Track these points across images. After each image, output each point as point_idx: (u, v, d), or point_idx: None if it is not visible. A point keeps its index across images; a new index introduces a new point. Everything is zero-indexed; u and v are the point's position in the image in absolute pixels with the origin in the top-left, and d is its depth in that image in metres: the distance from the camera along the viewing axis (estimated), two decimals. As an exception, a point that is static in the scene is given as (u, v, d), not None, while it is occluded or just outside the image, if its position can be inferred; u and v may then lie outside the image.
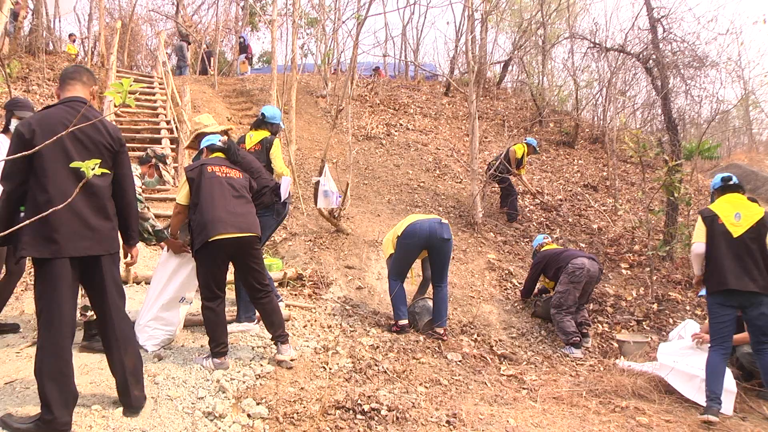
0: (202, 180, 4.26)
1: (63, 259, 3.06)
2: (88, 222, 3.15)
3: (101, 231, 3.21)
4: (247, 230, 4.20)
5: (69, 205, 2.84)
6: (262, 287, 4.32)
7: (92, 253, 3.17)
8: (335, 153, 10.77)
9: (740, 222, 4.49)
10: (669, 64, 9.58)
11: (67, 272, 3.09)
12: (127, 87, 2.05)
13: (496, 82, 18.33)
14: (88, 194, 3.15)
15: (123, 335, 3.37)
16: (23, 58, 11.91)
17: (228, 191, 4.27)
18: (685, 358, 4.85)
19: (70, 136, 3.08)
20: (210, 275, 4.19)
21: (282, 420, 3.59)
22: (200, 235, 4.11)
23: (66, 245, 3.06)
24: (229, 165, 4.45)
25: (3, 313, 5.10)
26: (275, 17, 9.44)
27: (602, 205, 10.84)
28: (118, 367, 3.34)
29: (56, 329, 3.07)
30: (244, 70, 18.42)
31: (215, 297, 4.19)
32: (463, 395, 4.31)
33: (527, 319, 6.76)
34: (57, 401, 3.03)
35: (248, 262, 4.28)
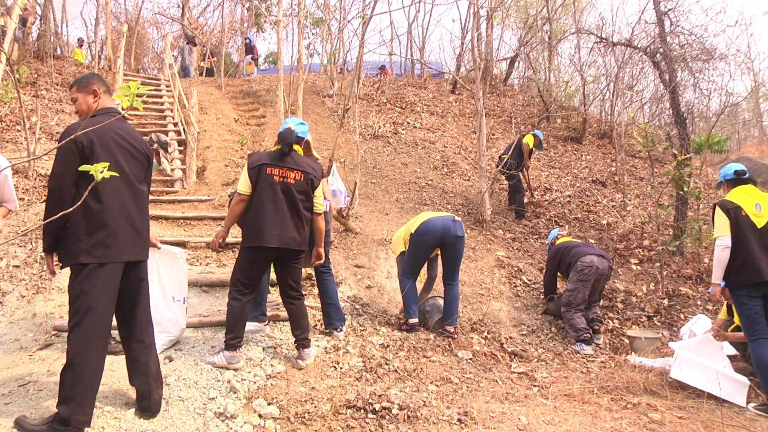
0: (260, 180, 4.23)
1: (117, 264, 3.19)
2: (137, 228, 3.31)
3: (145, 236, 3.40)
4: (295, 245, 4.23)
5: (124, 212, 3.15)
6: (297, 288, 4.39)
7: (141, 258, 3.34)
8: (343, 152, 10.78)
9: (761, 212, 4.47)
10: (677, 57, 9.52)
11: (116, 277, 3.22)
12: (134, 90, 2.08)
13: (502, 78, 18.29)
14: (137, 202, 3.32)
15: (149, 340, 3.47)
16: (32, 63, 11.99)
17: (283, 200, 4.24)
18: (698, 349, 4.83)
19: (118, 146, 3.25)
20: (248, 272, 4.24)
21: (293, 420, 3.61)
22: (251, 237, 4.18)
23: (121, 250, 3.20)
24: (289, 166, 4.31)
25: (15, 317, 5.16)
26: (281, 18, 9.45)
27: (611, 200, 10.80)
28: (143, 371, 3.41)
29: (93, 329, 3.14)
30: (251, 71, 18.46)
31: (246, 293, 4.23)
32: (474, 393, 4.31)
33: (537, 316, 6.75)
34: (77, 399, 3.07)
35: (289, 267, 4.35)
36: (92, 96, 3.38)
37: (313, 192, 4.42)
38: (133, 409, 3.46)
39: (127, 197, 3.27)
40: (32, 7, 13.14)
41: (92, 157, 3.08)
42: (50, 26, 13.60)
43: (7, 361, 4.33)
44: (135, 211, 3.30)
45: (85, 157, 3.09)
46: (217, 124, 12.21)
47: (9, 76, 8.47)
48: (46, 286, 5.69)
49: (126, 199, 3.26)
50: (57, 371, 3.99)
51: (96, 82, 3.42)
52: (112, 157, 3.18)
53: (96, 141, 3.15)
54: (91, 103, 3.39)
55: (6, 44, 8.86)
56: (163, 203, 8.60)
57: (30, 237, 6.26)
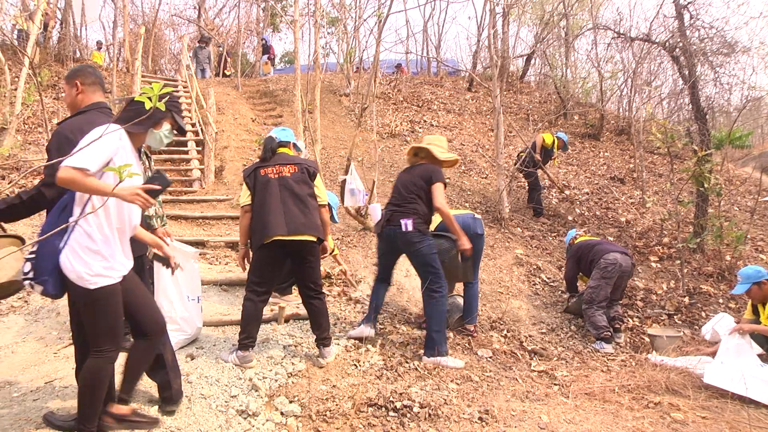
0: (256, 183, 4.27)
1: None
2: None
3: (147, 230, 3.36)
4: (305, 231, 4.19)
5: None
6: (315, 286, 4.37)
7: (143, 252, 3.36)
8: (360, 151, 10.80)
9: None
10: (696, 51, 9.41)
11: None
12: (157, 91, 2.10)
13: (519, 75, 18.21)
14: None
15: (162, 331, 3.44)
16: (52, 67, 12.14)
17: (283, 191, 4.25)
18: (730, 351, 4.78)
19: None
20: (261, 271, 4.28)
21: (315, 418, 3.63)
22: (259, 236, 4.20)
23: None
24: (281, 162, 4.35)
25: (40, 315, 5.24)
26: (297, 17, 9.48)
27: (630, 197, 10.72)
28: (159, 364, 3.42)
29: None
30: (267, 71, 18.54)
31: (260, 292, 4.26)
32: (494, 391, 4.30)
33: (557, 314, 6.73)
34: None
35: (304, 263, 4.33)
36: (75, 89, 3.30)
37: (312, 181, 4.41)
38: (157, 407, 3.51)
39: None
40: (53, 11, 13.31)
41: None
42: (70, 30, 13.75)
43: (34, 359, 4.41)
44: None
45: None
46: (235, 124, 12.28)
47: (31, 80, 8.58)
48: (69, 285, 5.76)
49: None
50: (82, 369, 4.06)
51: (80, 75, 3.32)
52: None
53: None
54: (75, 96, 3.32)
55: (29, 48, 8.99)
56: (182, 203, 8.68)
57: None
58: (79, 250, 2.72)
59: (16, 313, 5.27)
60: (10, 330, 4.99)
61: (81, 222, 2.73)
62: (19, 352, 4.60)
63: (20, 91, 8.39)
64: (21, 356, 4.50)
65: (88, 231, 2.75)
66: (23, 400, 3.55)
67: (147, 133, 3.04)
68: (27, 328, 5.05)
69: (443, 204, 4.78)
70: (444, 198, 4.79)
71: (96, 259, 2.75)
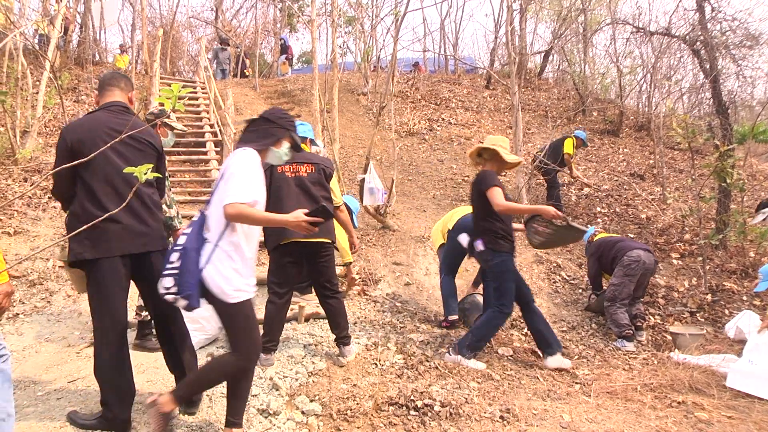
0: (273, 180, 4.23)
1: (112, 258, 3.12)
2: (142, 219, 3.22)
3: (154, 229, 3.30)
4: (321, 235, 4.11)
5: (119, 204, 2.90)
6: (331, 286, 4.38)
7: (148, 248, 3.25)
8: (379, 150, 10.81)
9: None
10: (718, 44, 9.26)
11: (118, 271, 3.15)
12: (176, 92, 2.11)
13: (537, 72, 18.09)
14: (137, 195, 3.21)
15: (179, 332, 3.48)
16: (72, 70, 12.28)
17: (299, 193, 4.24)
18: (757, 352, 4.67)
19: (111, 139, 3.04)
20: (280, 273, 4.29)
21: (336, 417, 3.63)
22: (274, 237, 4.21)
23: (119, 244, 3.12)
24: (298, 161, 4.30)
25: (62, 315, 5.31)
26: (314, 17, 9.50)
27: (650, 194, 10.60)
28: (178, 365, 3.45)
29: (109, 328, 3.16)
30: (285, 70, 18.61)
31: (281, 293, 4.28)
32: (515, 390, 4.28)
33: (577, 312, 6.68)
34: (114, 399, 3.16)
35: (319, 264, 4.34)
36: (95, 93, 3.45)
37: (328, 182, 4.40)
38: (179, 406, 3.53)
39: (122, 189, 3.15)
40: (72, 15, 13.46)
41: (80, 153, 2.99)
42: (89, 33, 13.91)
43: (57, 359, 4.47)
44: (135, 203, 3.19)
45: (73, 151, 3.04)
46: (253, 125, 12.32)
47: (52, 83, 8.69)
48: (91, 286, 5.83)
49: (120, 191, 3.14)
50: (104, 369, 4.11)
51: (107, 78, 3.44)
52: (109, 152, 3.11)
53: (83, 137, 3.11)
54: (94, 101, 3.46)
55: (50, 52, 9.10)
56: (202, 204, 8.73)
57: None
58: (222, 268, 2.91)
59: (40, 314, 5.35)
60: (33, 330, 5.06)
61: (223, 243, 2.92)
62: (42, 351, 4.67)
63: (41, 95, 8.50)
64: (44, 356, 4.56)
65: (230, 251, 2.93)
66: (47, 399, 3.60)
67: (267, 152, 3.18)
68: (50, 328, 5.12)
69: (501, 204, 4.59)
70: (501, 199, 4.61)
71: (236, 276, 2.94)
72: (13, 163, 7.49)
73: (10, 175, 7.22)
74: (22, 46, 9.09)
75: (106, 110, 3.28)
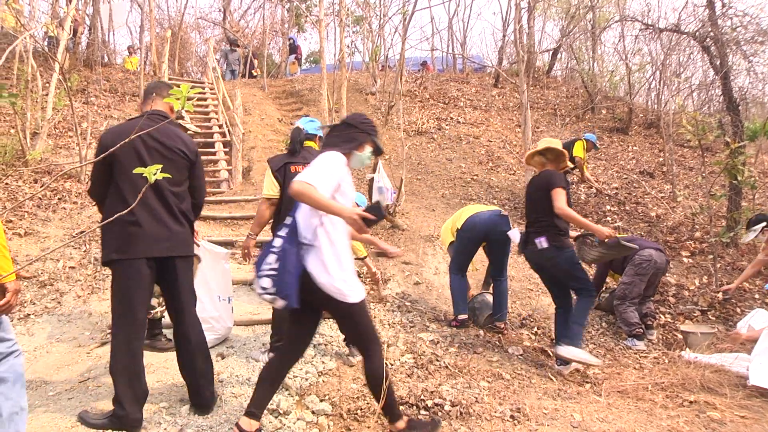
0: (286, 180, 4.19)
1: (140, 260, 3.22)
2: (167, 225, 3.32)
3: (177, 234, 3.38)
4: None
5: (148, 209, 3.19)
6: None
7: (172, 253, 3.34)
8: (387, 149, 10.80)
9: None
10: (728, 41, 9.18)
11: (143, 273, 3.24)
12: (185, 92, 2.11)
13: (545, 70, 18.03)
14: (163, 201, 3.33)
15: (196, 338, 3.51)
16: (81, 72, 12.34)
17: None
18: None
19: (146, 145, 3.29)
20: None
21: (346, 416, 3.63)
22: None
23: (145, 247, 3.22)
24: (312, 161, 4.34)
25: (72, 316, 5.33)
26: (322, 17, 9.51)
27: (660, 191, 10.55)
28: (190, 370, 3.47)
29: (129, 329, 3.22)
30: (294, 70, 18.64)
31: None
32: (525, 390, 4.26)
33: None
34: (129, 398, 3.18)
35: None
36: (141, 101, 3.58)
37: None
38: (188, 405, 3.54)
39: (152, 195, 3.28)
40: (81, 18, 13.53)
41: (115, 157, 3.15)
42: (98, 35, 13.97)
43: (67, 359, 4.49)
44: (161, 209, 3.31)
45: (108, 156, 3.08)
46: (262, 125, 12.37)
47: (62, 85, 8.73)
48: (100, 286, 5.87)
49: (151, 197, 3.27)
50: (115, 369, 4.12)
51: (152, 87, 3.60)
52: (134, 157, 3.24)
53: (109, 141, 3.22)
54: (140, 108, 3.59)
55: (59, 54, 9.14)
56: (211, 204, 8.75)
57: (84, 239, 6.45)
58: (333, 269, 3.00)
59: (50, 314, 5.38)
60: (44, 330, 5.09)
61: (325, 243, 3.02)
62: (53, 352, 4.69)
63: (51, 96, 8.54)
64: (55, 356, 4.59)
65: (336, 251, 3.04)
66: (58, 399, 3.62)
67: (351, 155, 3.25)
68: (60, 328, 5.14)
69: (563, 207, 4.67)
70: (563, 202, 4.67)
71: (349, 275, 3.05)
72: (24, 164, 7.54)
73: (21, 177, 7.26)
74: (32, 48, 9.14)
75: (145, 117, 3.40)
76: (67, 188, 7.29)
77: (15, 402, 2.64)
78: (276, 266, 2.95)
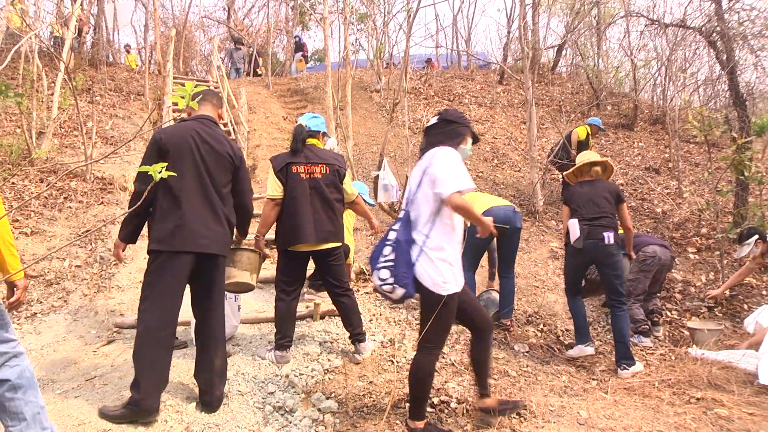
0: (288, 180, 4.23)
1: (180, 253, 3.32)
2: (207, 224, 3.42)
3: (218, 234, 3.48)
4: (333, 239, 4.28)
5: (193, 206, 3.33)
6: (341, 284, 4.40)
7: (211, 251, 3.43)
8: (392, 147, 10.78)
9: None
10: (735, 35, 9.11)
11: (183, 267, 3.34)
12: (190, 90, 2.12)
13: (550, 67, 17.96)
14: (210, 199, 3.46)
15: (220, 336, 3.60)
16: (86, 71, 12.36)
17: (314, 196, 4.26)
18: None
19: (200, 146, 3.43)
20: (289, 273, 4.33)
21: (352, 414, 3.63)
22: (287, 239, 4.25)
23: (188, 241, 3.32)
24: (313, 161, 4.31)
25: (78, 315, 5.34)
26: (326, 15, 9.50)
27: (665, 188, 10.51)
28: (207, 367, 3.52)
29: (159, 317, 3.30)
30: (302, 68, 18.64)
31: (290, 291, 4.30)
32: (532, 387, 4.26)
33: (593, 308, 6.63)
34: (148, 383, 3.24)
35: (328, 264, 4.37)
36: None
37: (342, 182, 4.44)
38: (195, 403, 3.55)
39: (197, 195, 3.41)
40: (86, 17, 13.55)
41: (168, 154, 3.30)
42: (103, 35, 13.99)
43: (74, 357, 4.51)
44: (205, 208, 3.43)
45: (163, 154, 3.30)
46: (266, 123, 12.37)
47: (67, 84, 8.75)
48: (106, 285, 5.89)
49: (196, 196, 3.40)
50: (120, 366, 4.14)
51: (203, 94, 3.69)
52: (187, 157, 3.38)
53: (172, 140, 3.36)
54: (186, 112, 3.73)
55: (64, 54, 9.16)
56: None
57: (90, 238, 6.47)
58: (436, 260, 3.16)
59: (57, 313, 5.40)
60: (51, 329, 5.11)
61: (435, 236, 3.19)
62: (60, 350, 4.71)
63: (56, 96, 8.56)
64: (62, 354, 4.61)
65: (442, 244, 3.19)
66: (66, 397, 3.63)
67: (457, 150, 3.37)
68: (67, 327, 5.16)
69: (631, 226, 5.39)
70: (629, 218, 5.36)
71: (448, 268, 3.18)
72: (30, 163, 7.56)
73: (27, 176, 7.28)
74: (38, 48, 9.16)
75: (197, 120, 3.56)
76: (72, 187, 7.31)
77: (35, 403, 2.72)
78: (392, 257, 3.15)
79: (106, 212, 7.04)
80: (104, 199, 7.32)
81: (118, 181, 7.80)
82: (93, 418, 3.28)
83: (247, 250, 4.12)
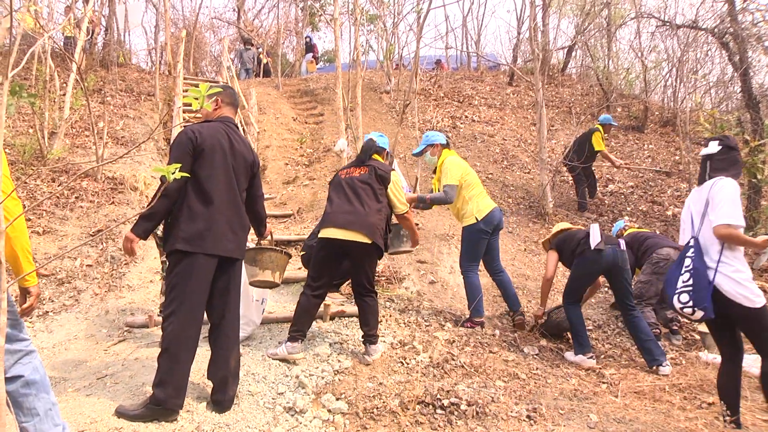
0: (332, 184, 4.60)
1: (210, 256, 3.36)
2: (233, 227, 3.48)
3: (240, 238, 3.55)
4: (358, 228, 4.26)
5: (221, 209, 3.37)
6: (369, 287, 4.43)
7: (234, 255, 3.49)
8: (402, 148, 10.77)
9: None
10: (749, 36, 9.03)
11: (209, 269, 3.38)
12: (204, 92, 2.12)
13: (560, 68, 17.90)
14: (235, 203, 3.51)
15: (235, 337, 3.62)
16: (98, 72, 12.42)
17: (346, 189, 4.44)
18: None
19: (225, 150, 3.47)
20: (318, 266, 4.41)
21: (362, 415, 3.63)
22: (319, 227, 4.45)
23: (215, 244, 3.36)
24: (356, 165, 4.60)
25: (90, 314, 5.37)
26: (337, 16, 9.50)
27: (676, 190, 10.45)
28: (222, 366, 3.53)
29: (184, 318, 3.32)
30: (312, 69, 18.66)
31: (315, 287, 4.36)
32: (542, 389, 4.24)
33: (603, 310, 6.60)
34: (175, 385, 3.28)
35: (359, 263, 4.41)
36: (214, 104, 3.68)
37: (381, 184, 4.48)
38: (205, 403, 3.56)
39: (226, 197, 3.45)
40: (98, 18, 13.62)
41: (200, 153, 3.34)
42: (114, 36, 14.06)
43: (85, 356, 4.53)
44: (232, 212, 3.48)
45: (197, 151, 3.33)
46: (276, 124, 12.39)
47: (79, 85, 8.81)
48: (117, 284, 5.92)
49: (225, 198, 3.44)
50: (131, 365, 4.15)
51: (221, 94, 3.70)
52: (219, 158, 3.42)
53: (208, 141, 3.39)
54: (211, 111, 3.68)
55: (76, 54, 9.22)
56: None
57: (101, 237, 6.50)
58: (739, 279, 3.43)
59: (68, 312, 5.42)
60: (63, 328, 5.14)
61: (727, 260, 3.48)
62: (71, 349, 4.73)
63: (68, 96, 8.60)
64: (74, 353, 4.63)
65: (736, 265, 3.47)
66: (77, 396, 3.65)
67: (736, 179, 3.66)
68: (78, 326, 5.19)
69: None
70: None
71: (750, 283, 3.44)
72: (42, 163, 7.60)
73: (39, 176, 7.32)
74: (50, 49, 9.22)
75: (222, 122, 3.60)
76: (84, 187, 7.34)
77: (47, 399, 2.76)
78: (690, 283, 3.53)
79: (116, 212, 7.07)
80: (115, 199, 7.35)
81: (129, 181, 7.83)
82: (104, 416, 3.29)
83: (269, 250, 4.19)
